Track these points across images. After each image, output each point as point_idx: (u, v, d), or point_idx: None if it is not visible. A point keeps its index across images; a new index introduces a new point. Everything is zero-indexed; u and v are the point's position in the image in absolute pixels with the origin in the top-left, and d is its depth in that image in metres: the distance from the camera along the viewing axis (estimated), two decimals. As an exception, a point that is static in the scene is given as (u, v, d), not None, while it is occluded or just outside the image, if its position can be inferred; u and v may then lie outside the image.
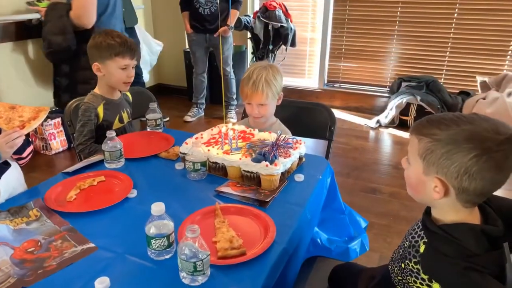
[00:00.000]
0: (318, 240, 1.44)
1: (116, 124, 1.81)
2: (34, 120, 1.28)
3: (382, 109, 4.24)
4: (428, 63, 4.17)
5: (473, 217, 0.90)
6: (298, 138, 1.47)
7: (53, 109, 3.54)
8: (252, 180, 1.30)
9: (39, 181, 1.37)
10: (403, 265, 0.98)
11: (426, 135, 0.87)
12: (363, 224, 1.77)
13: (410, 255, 0.95)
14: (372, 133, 3.91)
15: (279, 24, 4.03)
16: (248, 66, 4.68)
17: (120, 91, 1.84)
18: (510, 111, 3.63)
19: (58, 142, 3.36)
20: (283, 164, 1.29)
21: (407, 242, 1.00)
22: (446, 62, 4.10)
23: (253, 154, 1.35)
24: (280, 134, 1.37)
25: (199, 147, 1.35)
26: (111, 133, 1.42)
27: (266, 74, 1.62)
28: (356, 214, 1.76)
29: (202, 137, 1.50)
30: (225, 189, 1.27)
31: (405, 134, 3.81)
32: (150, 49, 4.11)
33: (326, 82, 4.65)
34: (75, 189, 1.26)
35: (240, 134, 1.51)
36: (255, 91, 1.61)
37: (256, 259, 0.97)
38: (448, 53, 4.06)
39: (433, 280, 0.89)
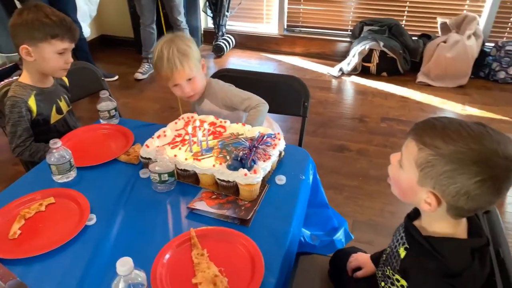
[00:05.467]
0: (302, 238, 1.35)
1: (54, 116, 1.54)
2: None
3: (343, 55, 4.10)
4: (390, 5, 3.99)
5: (462, 227, 0.86)
6: (274, 132, 1.30)
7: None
8: (229, 189, 1.14)
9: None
10: (387, 271, 0.94)
11: (428, 145, 0.78)
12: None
13: (392, 264, 0.92)
14: (335, 83, 3.79)
15: (232, -35, 3.64)
16: (201, 12, 4.29)
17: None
18: (469, 55, 3.61)
19: None
20: (263, 169, 1.14)
21: (388, 249, 0.98)
22: (408, 3, 3.94)
23: (227, 156, 1.18)
24: (259, 136, 1.19)
25: (164, 155, 1.15)
26: (54, 142, 1.17)
27: (178, 46, 1.42)
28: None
29: (165, 135, 1.29)
30: (199, 204, 1.11)
31: (368, 82, 3.72)
32: (88, -3, 3.60)
33: (286, 27, 4.37)
34: (18, 220, 1.05)
35: (210, 128, 1.32)
36: (175, 69, 1.42)
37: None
38: (410, -7, 3.89)
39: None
